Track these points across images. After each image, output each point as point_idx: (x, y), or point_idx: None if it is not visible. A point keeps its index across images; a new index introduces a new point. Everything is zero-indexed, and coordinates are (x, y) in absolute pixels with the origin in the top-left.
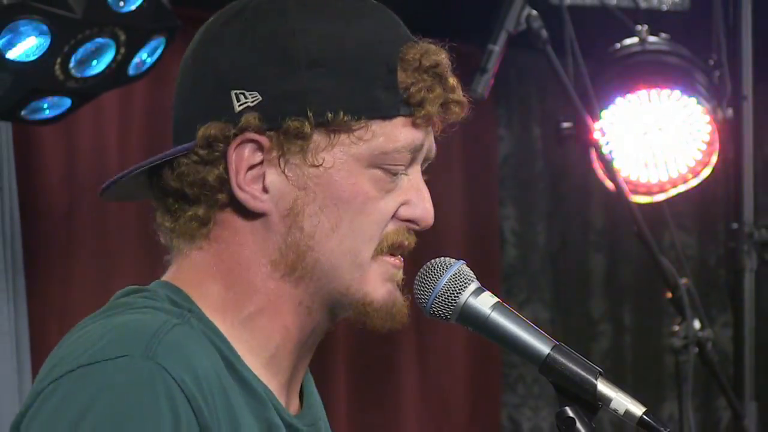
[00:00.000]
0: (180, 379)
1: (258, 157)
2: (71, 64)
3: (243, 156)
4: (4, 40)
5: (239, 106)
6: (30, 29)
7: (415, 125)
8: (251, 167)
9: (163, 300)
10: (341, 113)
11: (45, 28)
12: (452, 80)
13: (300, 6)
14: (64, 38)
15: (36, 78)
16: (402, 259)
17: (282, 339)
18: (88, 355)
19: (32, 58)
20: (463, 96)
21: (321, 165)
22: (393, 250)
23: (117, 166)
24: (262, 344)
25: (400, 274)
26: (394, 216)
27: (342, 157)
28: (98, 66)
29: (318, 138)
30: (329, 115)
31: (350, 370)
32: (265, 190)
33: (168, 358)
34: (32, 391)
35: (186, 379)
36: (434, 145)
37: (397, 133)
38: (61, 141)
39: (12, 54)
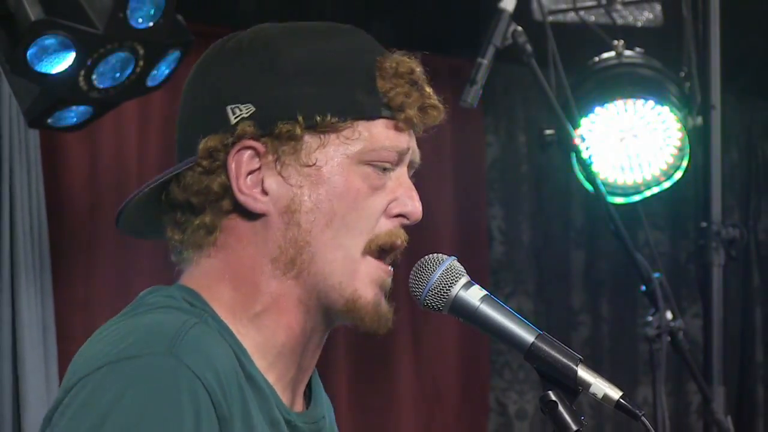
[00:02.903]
0: (201, 374)
1: (256, 162)
2: (94, 76)
3: (242, 162)
4: (32, 53)
5: (235, 118)
6: (56, 44)
7: (397, 128)
8: (250, 172)
9: (180, 301)
10: (328, 115)
11: (70, 42)
12: (428, 87)
13: (284, 31)
14: (88, 52)
15: (61, 88)
16: (391, 268)
17: (287, 337)
18: (115, 353)
19: (58, 70)
20: (439, 101)
21: (314, 164)
22: (383, 251)
23: (136, 169)
24: (269, 342)
25: (388, 282)
26: (385, 213)
27: (333, 155)
28: (119, 77)
29: (309, 139)
30: (317, 117)
31: (350, 358)
32: (264, 192)
33: (189, 355)
34: (62, 387)
35: (207, 375)
36: (418, 151)
37: (382, 133)
38: (84, 146)
39: (40, 66)
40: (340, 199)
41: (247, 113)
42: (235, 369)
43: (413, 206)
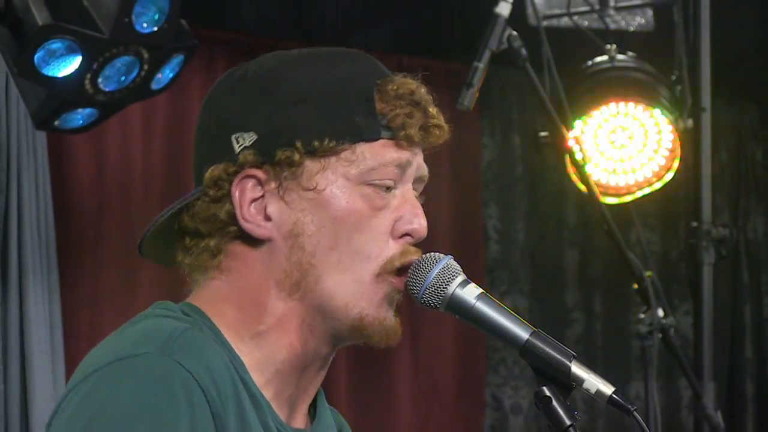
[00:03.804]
0: (194, 371)
1: (259, 190)
2: (100, 79)
3: (245, 190)
4: (39, 57)
5: (239, 147)
6: (63, 48)
7: (398, 146)
8: (254, 200)
9: (177, 312)
10: (326, 140)
11: (76, 46)
12: (432, 108)
13: (285, 59)
14: (93, 56)
15: (68, 91)
16: (405, 282)
17: (288, 355)
18: (111, 355)
19: (65, 73)
20: (444, 122)
21: (315, 188)
22: (402, 269)
23: (141, 170)
24: (268, 359)
25: (398, 297)
26: (391, 234)
27: (333, 178)
28: (124, 81)
29: (310, 164)
30: (315, 142)
31: (348, 354)
32: (267, 218)
33: (182, 354)
34: (65, 390)
35: (200, 372)
36: (425, 166)
37: (383, 152)
38: (90, 148)
39: (47, 70)
40: (342, 221)
41: (249, 142)
42: (229, 370)
43: (418, 224)
